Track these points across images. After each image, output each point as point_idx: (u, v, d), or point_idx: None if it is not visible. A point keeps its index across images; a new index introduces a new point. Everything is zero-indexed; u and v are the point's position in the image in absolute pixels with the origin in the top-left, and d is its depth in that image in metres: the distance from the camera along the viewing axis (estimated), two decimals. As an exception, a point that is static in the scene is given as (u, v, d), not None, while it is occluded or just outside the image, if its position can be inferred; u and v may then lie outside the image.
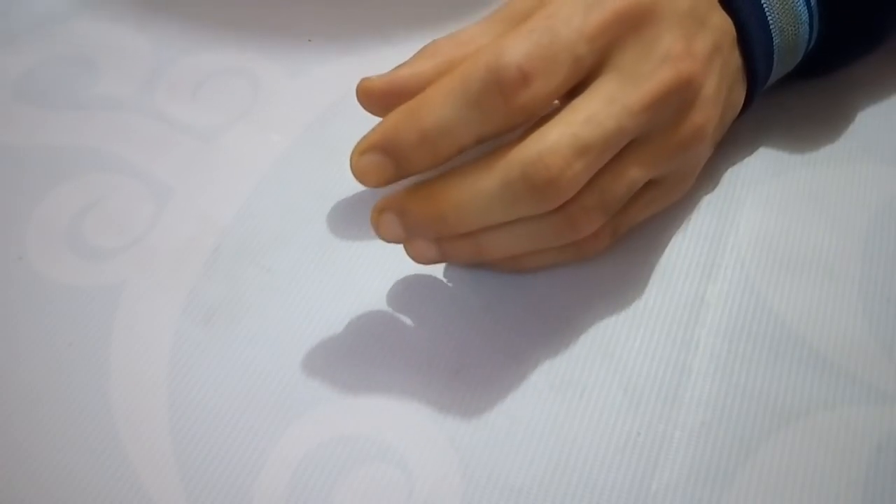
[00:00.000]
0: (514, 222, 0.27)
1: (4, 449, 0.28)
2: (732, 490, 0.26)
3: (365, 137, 0.26)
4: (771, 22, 0.29)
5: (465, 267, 0.31)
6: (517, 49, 0.25)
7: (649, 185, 0.29)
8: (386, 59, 0.30)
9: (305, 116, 0.37)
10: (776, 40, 0.30)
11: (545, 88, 0.25)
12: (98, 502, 0.27)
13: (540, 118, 0.26)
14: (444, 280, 0.31)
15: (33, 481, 0.27)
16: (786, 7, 0.29)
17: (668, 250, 0.31)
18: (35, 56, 0.40)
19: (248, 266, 0.32)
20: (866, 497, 0.26)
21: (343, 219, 0.33)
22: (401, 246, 0.29)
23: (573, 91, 0.26)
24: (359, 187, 0.31)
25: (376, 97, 0.29)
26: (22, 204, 0.34)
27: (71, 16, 0.42)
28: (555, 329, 0.30)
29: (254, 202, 0.34)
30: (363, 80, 0.29)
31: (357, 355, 0.29)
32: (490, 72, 0.25)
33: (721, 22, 0.28)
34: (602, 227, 0.29)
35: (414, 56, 0.29)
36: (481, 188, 0.26)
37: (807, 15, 0.30)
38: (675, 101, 0.26)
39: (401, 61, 0.30)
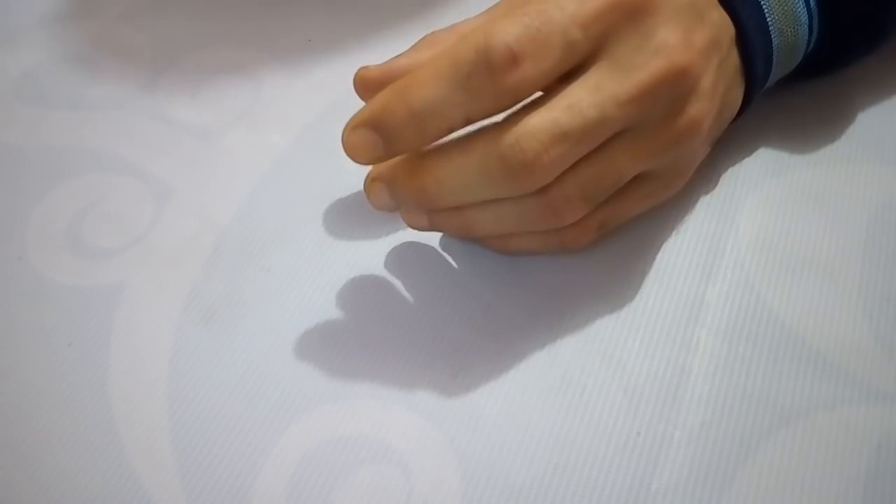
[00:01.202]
0: (497, 202, 0.27)
1: (4, 449, 0.28)
2: (732, 490, 0.26)
3: (356, 114, 0.27)
4: (770, 23, 0.29)
5: (466, 269, 0.31)
6: (508, 31, 0.25)
7: (643, 179, 0.29)
8: (386, 59, 0.30)
9: (305, 117, 0.37)
10: (775, 42, 0.30)
11: (534, 71, 0.25)
12: (98, 502, 0.27)
13: (528, 103, 0.26)
14: (444, 281, 0.31)
15: (33, 481, 0.27)
16: (785, 9, 0.29)
17: (668, 251, 0.31)
18: (35, 56, 0.40)
19: (247, 266, 0.32)
20: (866, 497, 0.26)
21: (343, 219, 0.33)
22: (398, 243, 0.29)
23: (567, 78, 0.26)
24: (358, 187, 0.31)
25: (373, 86, 0.29)
26: (22, 204, 0.34)
27: (71, 16, 0.42)
28: (555, 329, 0.30)
29: (254, 202, 0.34)
30: (360, 69, 0.29)
31: (357, 355, 0.29)
32: (479, 52, 0.25)
33: (720, 19, 0.28)
34: (589, 220, 0.29)
35: (412, 46, 0.29)
36: (461, 166, 0.26)
37: (806, 16, 0.30)
38: (668, 93, 0.26)
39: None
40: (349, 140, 0.27)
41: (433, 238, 0.32)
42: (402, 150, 0.27)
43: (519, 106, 0.26)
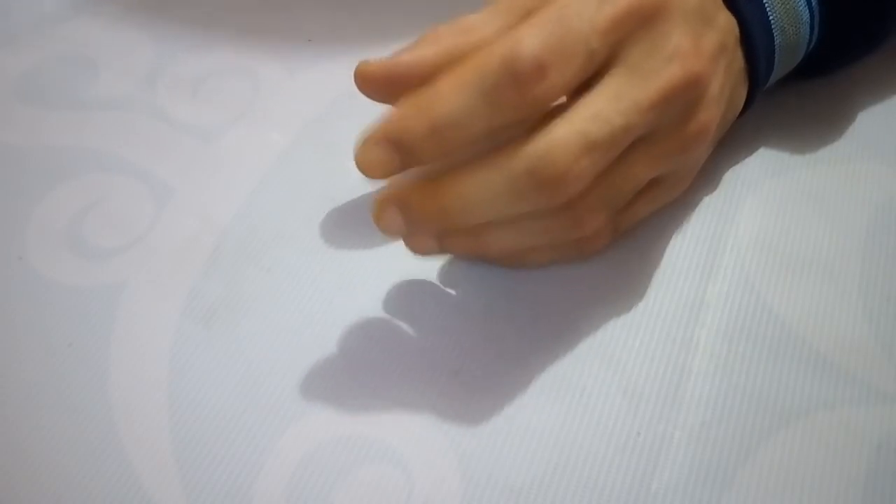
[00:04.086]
0: (517, 218, 0.27)
1: (4, 449, 0.28)
2: (732, 490, 0.26)
3: (371, 129, 0.26)
4: (773, 22, 0.29)
5: (466, 269, 0.31)
6: (533, 41, 0.24)
7: (651, 183, 0.29)
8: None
9: (306, 115, 0.37)
10: (777, 40, 0.30)
11: (559, 81, 0.25)
12: (98, 502, 0.27)
13: (547, 112, 0.26)
14: (445, 281, 0.31)
15: (33, 481, 0.27)
16: (787, 7, 0.29)
17: (667, 251, 0.31)
18: (35, 56, 0.40)
19: (248, 266, 0.32)
20: (866, 497, 0.26)
21: (343, 218, 0.33)
22: (401, 244, 0.29)
23: (581, 86, 0.26)
24: (359, 187, 0.31)
25: (375, 83, 0.28)
26: (22, 204, 0.34)
27: (71, 16, 0.42)
28: (554, 330, 0.30)
29: (254, 202, 0.34)
30: (361, 64, 0.29)
31: (357, 356, 0.29)
32: (505, 64, 0.24)
33: (726, 22, 0.28)
34: (605, 226, 0.29)
35: (415, 42, 0.29)
36: (487, 183, 0.25)
37: (808, 15, 0.30)
38: (682, 100, 0.26)
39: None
40: (365, 157, 0.26)
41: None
42: (419, 163, 0.26)
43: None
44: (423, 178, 0.27)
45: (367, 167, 0.26)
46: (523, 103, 0.25)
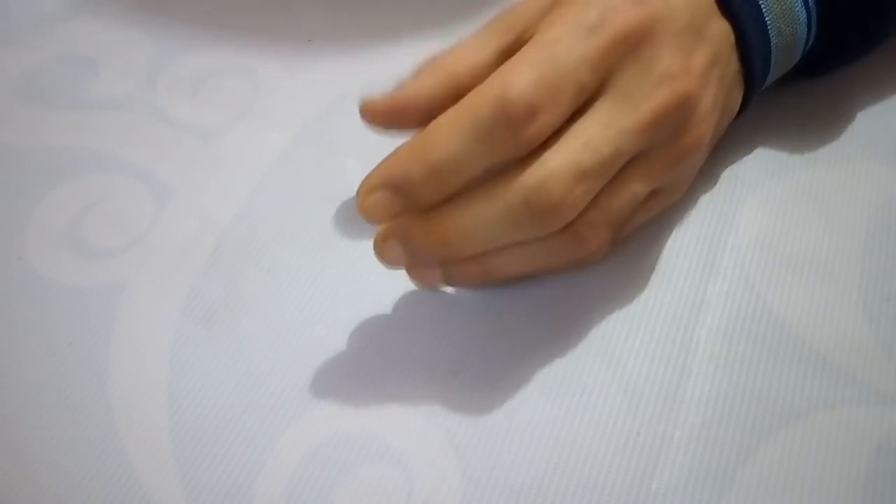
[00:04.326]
0: (520, 243, 0.27)
1: (4, 449, 0.28)
2: (732, 490, 0.26)
3: (371, 175, 0.27)
4: (769, 23, 0.29)
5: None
6: (523, 83, 0.25)
7: (648, 194, 0.29)
8: (386, 58, 0.30)
9: (306, 115, 0.37)
10: (774, 41, 0.30)
11: (551, 119, 0.25)
12: (98, 502, 0.27)
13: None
14: (444, 280, 0.31)
15: (33, 481, 0.27)
16: (784, 8, 0.29)
17: (667, 251, 0.31)
18: (35, 56, 0.40)
19: (248, 266, 0.32)
20: (866, 497, 0.26)
21: (343, 219, 0.33)
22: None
23: (575, 111, 0.26)
24: (358, 185, 0.31)
25: (380, 116, 0.29)
26: (22, 204, 0.34)
27: (71, 16, 0.42)
28: (555, 329, 0.30)
29: (254, 202, 0.34)
30: (364, 100, 0.29)
31: (356, 355, 0.29)
32: (498, 107, 0.25)
33: (720, 30, 0.28)
34: (605, 241, 0.29)
35: (414, 72, 0.29)
36: (485, 214, 0.26)
37: (805, 15, 0.30)
38: (673, 120, 0.27)
39: (400, 60, 0.30)
40: (367, 203, 0.27)
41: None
42: (420, 206, 0.27)
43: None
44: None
45: (368, 212, 0.27)
46: (517, 143, 0.25)
